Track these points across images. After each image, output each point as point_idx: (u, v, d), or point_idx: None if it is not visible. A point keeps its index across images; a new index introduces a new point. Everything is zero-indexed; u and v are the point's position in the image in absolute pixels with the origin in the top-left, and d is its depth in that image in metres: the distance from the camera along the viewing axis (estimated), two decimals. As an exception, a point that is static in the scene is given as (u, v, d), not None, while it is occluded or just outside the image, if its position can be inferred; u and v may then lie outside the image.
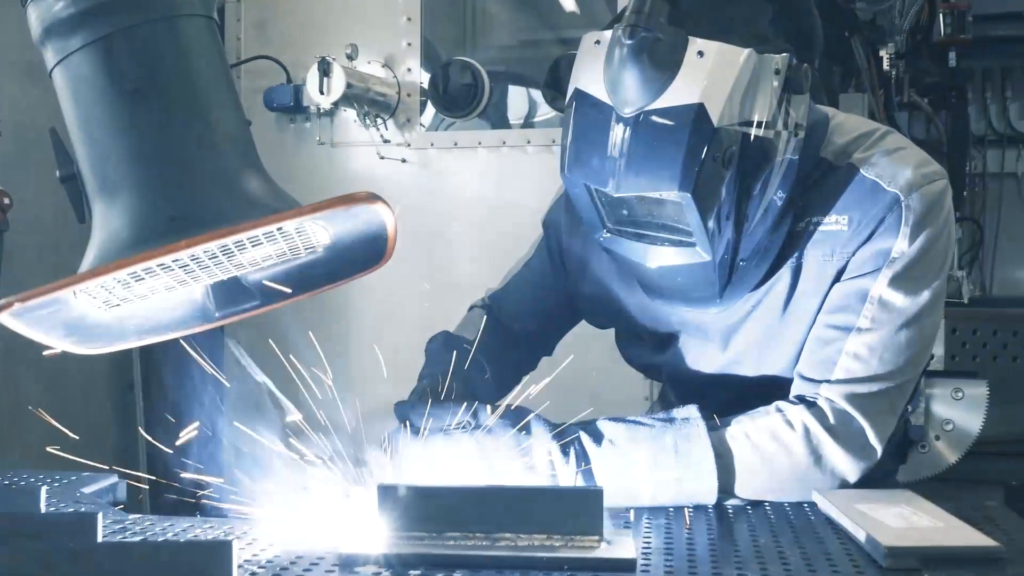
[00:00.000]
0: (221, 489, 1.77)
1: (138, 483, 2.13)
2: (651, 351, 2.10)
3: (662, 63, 1.60)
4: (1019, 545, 1.48)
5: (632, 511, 1.69)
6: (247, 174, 1.48)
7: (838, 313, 1.84)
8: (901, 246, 1.79)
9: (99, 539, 1.34)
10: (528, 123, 4.56)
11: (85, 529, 1.34)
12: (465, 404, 1.76)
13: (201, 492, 1.79)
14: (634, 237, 1.76)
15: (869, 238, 1.81)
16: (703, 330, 1.98)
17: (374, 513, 1.48)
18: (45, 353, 1.47)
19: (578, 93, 1.69)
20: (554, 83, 4.14)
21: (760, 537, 1.58)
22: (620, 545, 1.47)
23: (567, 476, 1.72)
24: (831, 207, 1.84)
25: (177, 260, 1.42)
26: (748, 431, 1.78)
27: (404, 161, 4.34)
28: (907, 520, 1.54)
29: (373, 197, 1.45)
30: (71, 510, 1.68)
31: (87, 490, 1.81)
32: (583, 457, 1.74)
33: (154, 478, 2.34)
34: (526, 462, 1.72)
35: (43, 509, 1.49)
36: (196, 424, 1.92)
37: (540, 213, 4.22)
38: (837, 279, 1.85)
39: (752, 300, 1.91)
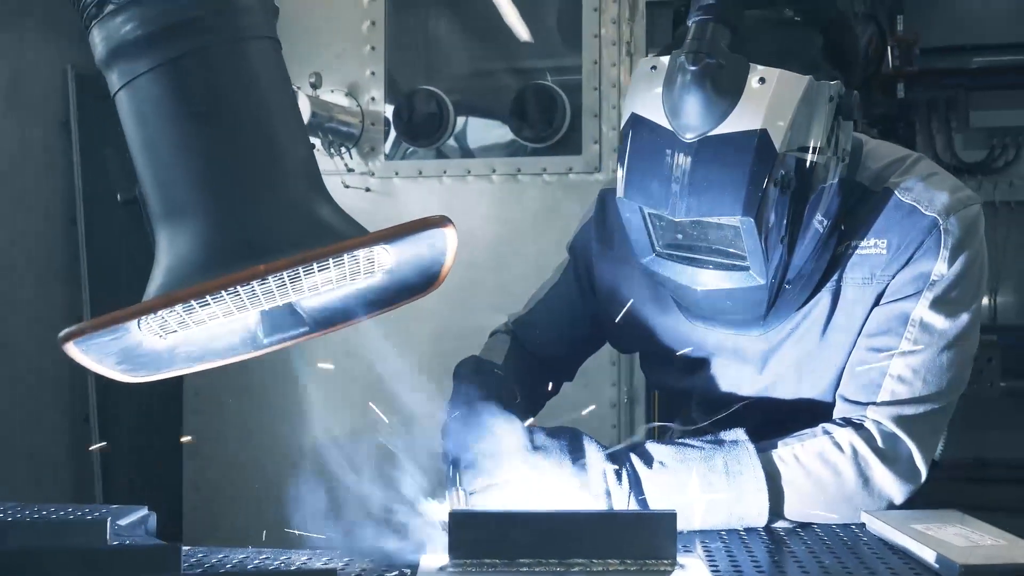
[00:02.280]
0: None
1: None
2: (681, 375, 2.10)
3: (725, 89, 1.62)
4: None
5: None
6: (316, 198, 1.47)
7: (880, 336, 1.86)
8: (940, 269, 1.82)
9: (181, 570, 1.32)
10: (492, 152, 4.58)
11: (167, 561, 1.31)
12: (521, 428, 1.76)
13: None
14: (685, 261, 1.77)
15: (908, 261, 1.84)
16: (740, 353, 1.99)
17: (446, 540, 1.47)
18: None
19: (635, 118, 1.70)
20: (520, 113, 4.19)
21: (823, 558, 1.58)
22: (693, 568, 1.47)
23: (621, 497, 1.72)
24: (868, 231, 1.86)
25: (246, 285, 1.40)
26: (797, 453, 1.79)
27: (368, 190, 4.32)
28: (968, 539, 1.56)
29: (446, 220, 1.45)
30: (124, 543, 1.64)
31: (122, 523, 1.76)
32: (634, 479, 1.74)
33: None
34: (582, 482, 1.71)
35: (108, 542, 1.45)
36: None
37: (504, 241, 4.25)
38: (877, 302, 1.87)
39: (791, 323, 1.93)
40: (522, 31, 4.83)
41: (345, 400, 4.51)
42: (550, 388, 2.28)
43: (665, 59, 1.68)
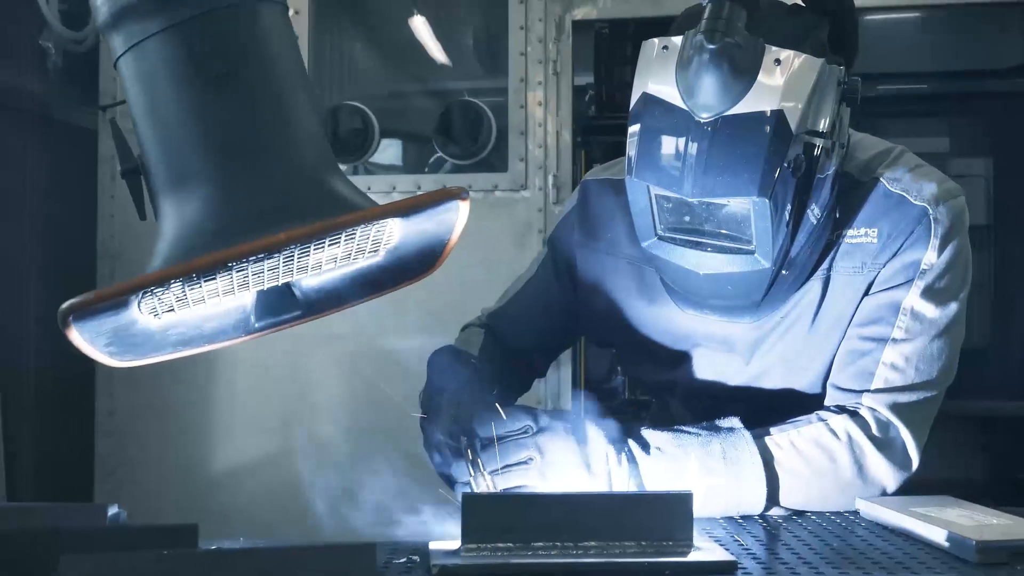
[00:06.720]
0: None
1: None
2: (664, 367, 2.08)
3: (742, 69, 1.62)
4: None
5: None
6: (329, 169, 1.42)
7: (872, 325, 1.87)
8: (930, 258, 1.84)
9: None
10: (417, 169, 4.55)
11: (184, 538, 1.25)
12: (523, 409, 1.73)
13: None
14: (688, 244, 1.75)
15: (899, 250, 1.85)
16: (729, 343, 1.98)
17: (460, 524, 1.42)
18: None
19: (647, 97, 1.68)
20: (445, 129, 4.17)
21: (830, 542, 1.57)
22: (710, 549, 1.45)
23: (621, 480, 1.70)
24: (856, 220, 1.87)
25: (256, 258, 1.34)
26: (793, 439, 1.78)
27: (292, 207, 4.24)
28: (974, 520, 1.56)
29: (464, 193, 1.41)
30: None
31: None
32: (633, 464, 1.71)
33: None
34: (586, 464, 1.69)
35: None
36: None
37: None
38: (867, 291, 1.88)
39: (781, 312, 1.92)
40: (442, 52, 4.83)
41: (261, 423, 4.42)
42: (523, 383, 2.25)
43: (677, 39, 1.67)
